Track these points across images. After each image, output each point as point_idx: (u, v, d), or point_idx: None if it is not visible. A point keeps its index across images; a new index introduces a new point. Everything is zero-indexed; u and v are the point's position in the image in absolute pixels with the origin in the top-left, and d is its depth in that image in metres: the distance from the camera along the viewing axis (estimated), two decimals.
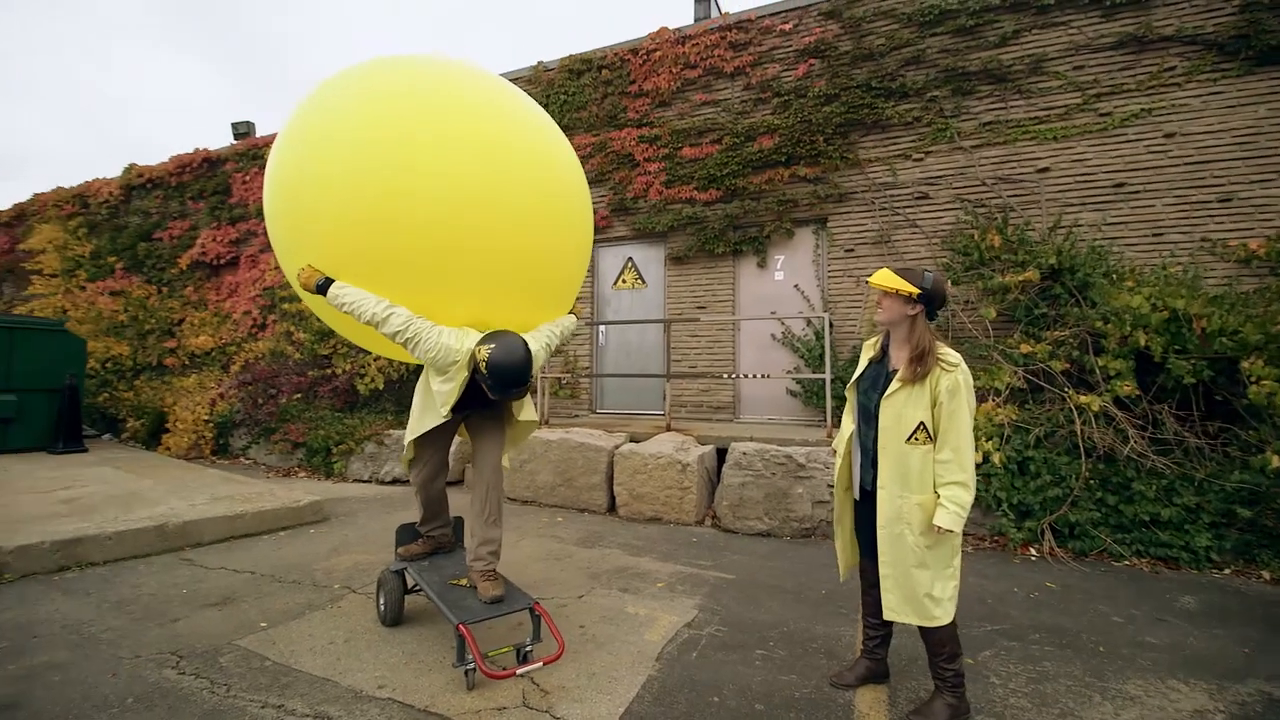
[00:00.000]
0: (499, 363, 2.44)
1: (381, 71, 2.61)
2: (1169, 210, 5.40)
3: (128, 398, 9.53)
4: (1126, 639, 3.05)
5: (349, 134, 2.44)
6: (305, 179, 2.52)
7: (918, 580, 2.19)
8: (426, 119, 2.45)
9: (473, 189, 2.44)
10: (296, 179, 2.56)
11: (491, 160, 2.49)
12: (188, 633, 2.99)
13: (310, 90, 2.74)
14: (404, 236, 2.42)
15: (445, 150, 2.42)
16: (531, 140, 2.70)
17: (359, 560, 4.13)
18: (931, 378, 2.19)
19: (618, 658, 2.72)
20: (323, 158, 2.47)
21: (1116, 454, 4.44)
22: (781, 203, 6.62)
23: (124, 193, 11.47)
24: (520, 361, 2.47)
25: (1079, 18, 5.68)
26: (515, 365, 2.45)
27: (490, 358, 2.45)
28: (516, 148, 2.61)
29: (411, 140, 2.40)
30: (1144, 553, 4.27)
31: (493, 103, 2.64)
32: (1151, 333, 4.44)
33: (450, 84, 2.60)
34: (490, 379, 2.46)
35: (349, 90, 2.56)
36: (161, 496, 5.13)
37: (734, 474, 4.98)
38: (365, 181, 2.38)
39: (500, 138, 2.57)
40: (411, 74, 2.59)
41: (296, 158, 2.57)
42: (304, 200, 2.54)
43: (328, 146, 2.47)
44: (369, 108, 2.47)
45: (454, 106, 2.53)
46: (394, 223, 2.40)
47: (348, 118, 2.48)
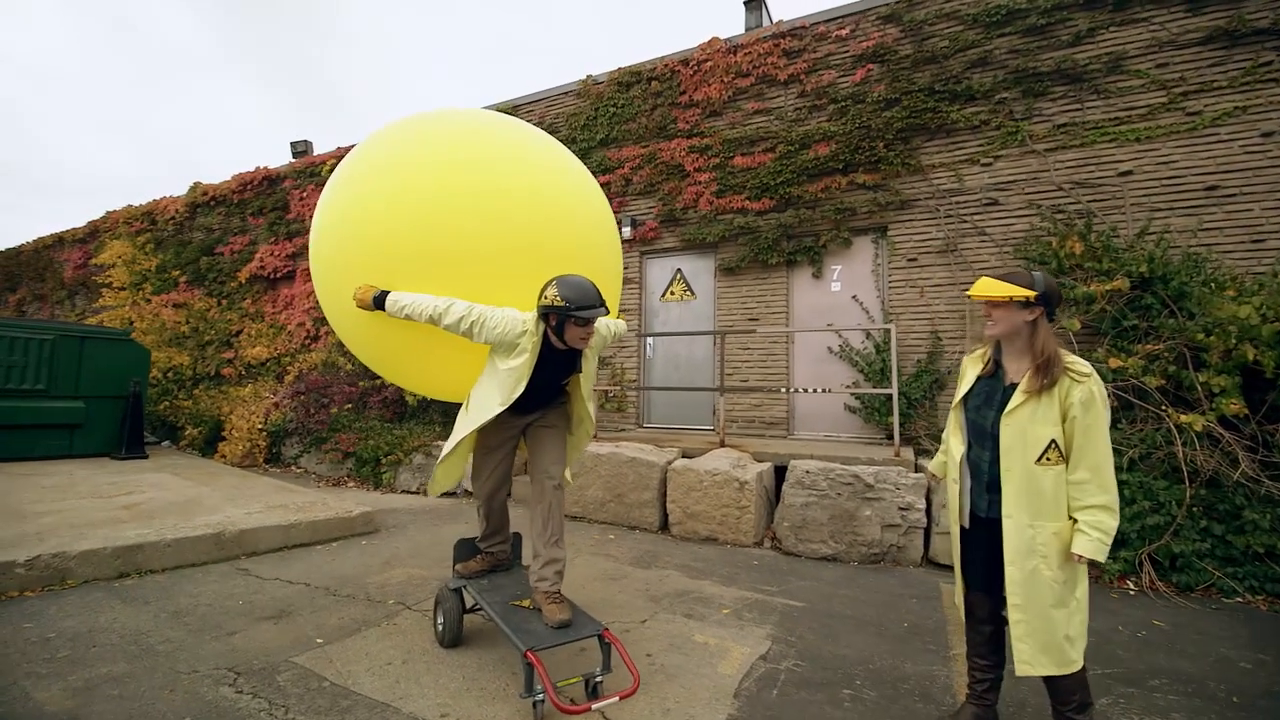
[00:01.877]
0: (570, 281, 2.46)
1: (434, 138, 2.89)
2: (1269, 214, 4.97)
3: (187, 406, 9.83)
4: (1261, 688, 2.69)
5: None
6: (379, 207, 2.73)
7: (1055, 622, 1.93)
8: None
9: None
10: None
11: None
12: (244, 647, 2.92)
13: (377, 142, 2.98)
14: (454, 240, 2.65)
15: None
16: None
17: (412, 574, 4.04)
18: (1060, 389, 1.95)
19: (692, 692, 2.52)
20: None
21: (1223, 479, 4.04)
22: (839, 211, 6.39)
23: (189, 210, 11.98)
24: (586, 281, 2.49)
25: (1161, 13, 5.34)
26: (584, 282, 2.47)
27: (560, 281, 2.47)
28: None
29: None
30: (1259, 589, 3.86)
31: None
32: (1262, 346, 4.05)
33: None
34: (567, 293, 2.42)
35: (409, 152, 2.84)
36: (218, 504, 5.18)
37: (796, 493, 4.73)
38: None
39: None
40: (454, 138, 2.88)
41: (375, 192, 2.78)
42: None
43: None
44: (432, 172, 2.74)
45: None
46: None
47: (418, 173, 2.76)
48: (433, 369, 2.98)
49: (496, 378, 2.58)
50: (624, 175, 7.54)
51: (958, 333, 5.93)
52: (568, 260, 2.70)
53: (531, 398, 2.67)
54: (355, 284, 2.71)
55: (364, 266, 2.71)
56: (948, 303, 6.00)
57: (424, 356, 2.87)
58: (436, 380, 3.12)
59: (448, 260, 2.62)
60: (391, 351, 2.97)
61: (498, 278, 2.64)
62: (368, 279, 2.69)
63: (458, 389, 2.94)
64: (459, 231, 2.61)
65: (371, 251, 2.70)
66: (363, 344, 3.03)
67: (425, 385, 3.28)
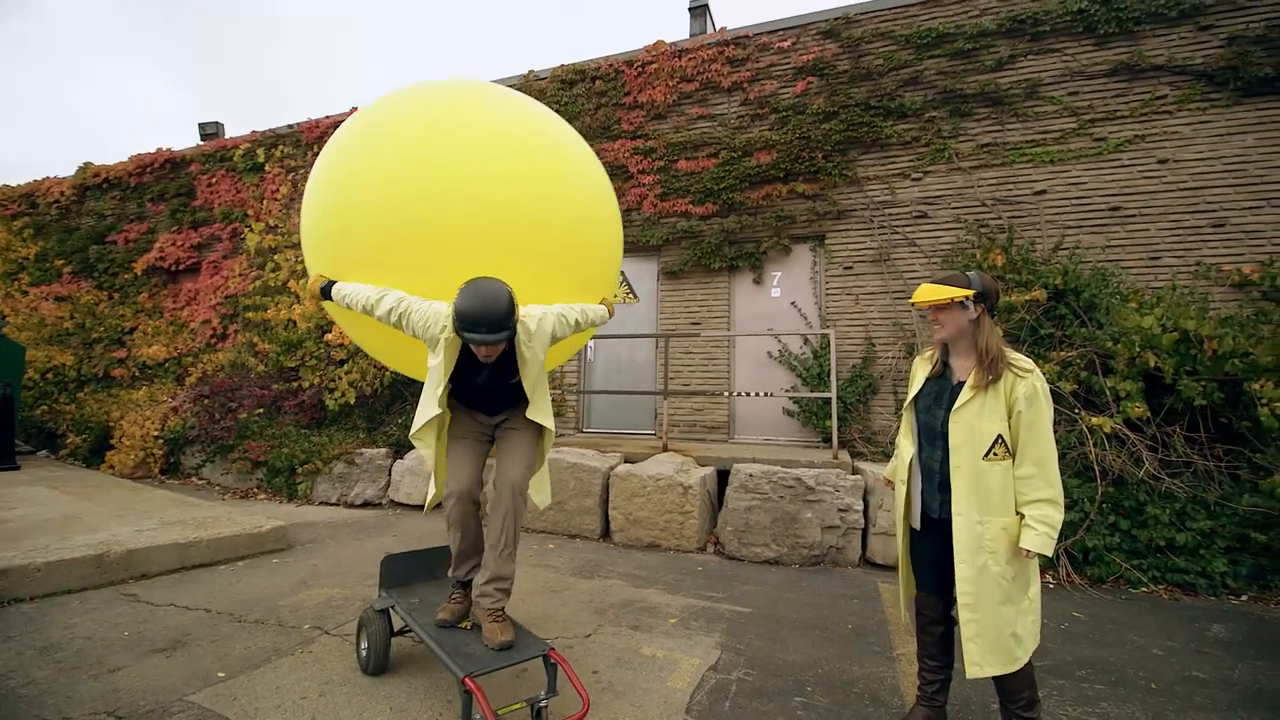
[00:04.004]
0: (473, 289, 2.20)
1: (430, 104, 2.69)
2: (1163, 235, 5.44)
3: (69, 411, 8.77)
4: (1174, 674, 2.86)
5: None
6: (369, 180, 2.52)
7: (1003, 619, 1.94)
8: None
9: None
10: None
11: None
12: (129, 685, 2.54)
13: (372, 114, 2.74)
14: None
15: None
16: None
17: (331, 595, 3.69)
18: (1005, 385, 1.98)
19: (643, 709, 2.39)
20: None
21: (1128, 477, 4.34)
22: (779, 219, 6.50)
23: (77, 193, 10.76)
24: (495, 294, 2.19)
25: (1072, 45, 5.76)
26: (488, 296, 2.18)
27: (465, 287, 2.22)
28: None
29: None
30: (1161, 579, 4.15)
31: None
32: (1162, 354, 4.39)
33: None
34: (460, 303, 2.18)
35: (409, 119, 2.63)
36: (103, 521, 4.58)
37: (739, 497, 4.71)
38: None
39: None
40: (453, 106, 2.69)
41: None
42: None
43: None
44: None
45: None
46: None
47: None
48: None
49: (432, 363, 2.39)
50: None
51: (890, 339, 6.14)
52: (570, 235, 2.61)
53: (480, 398, 2.53)
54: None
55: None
56: (881, 310, 6.20)
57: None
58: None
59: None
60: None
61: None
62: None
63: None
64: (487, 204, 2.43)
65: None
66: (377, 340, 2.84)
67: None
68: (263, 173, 9.28)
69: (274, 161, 9.18)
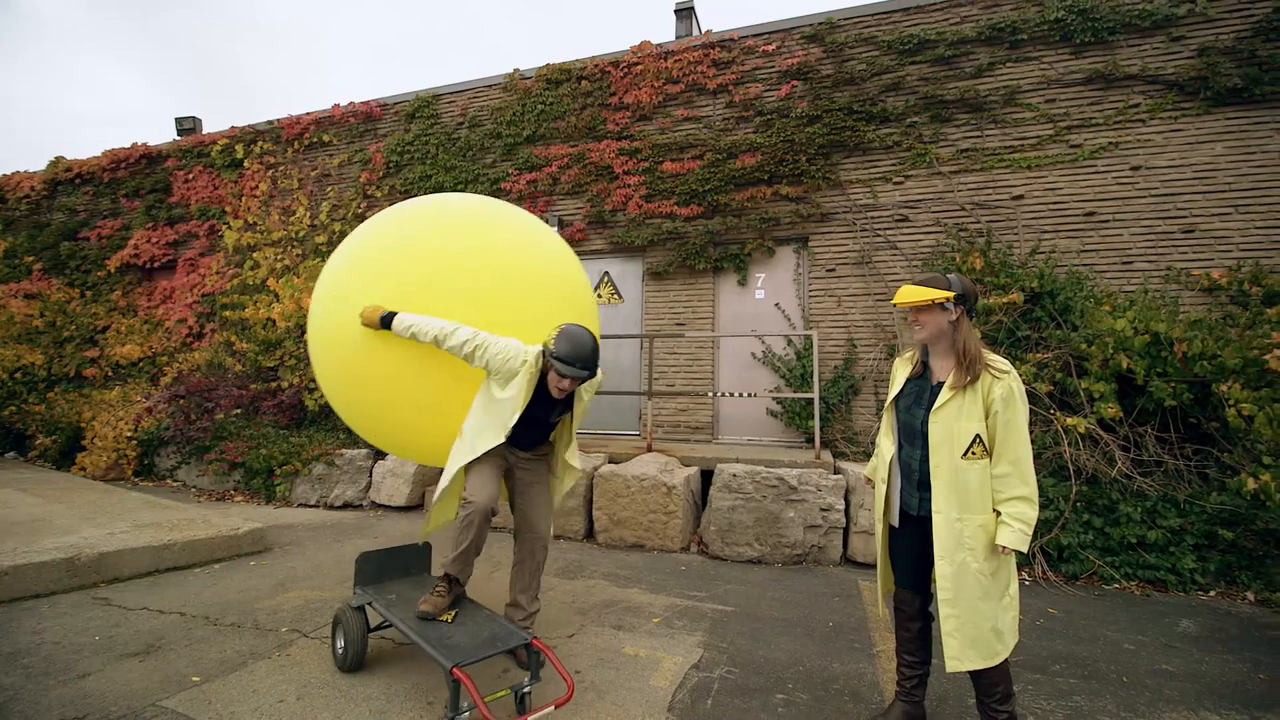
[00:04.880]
0: (571, 334, 2.55)
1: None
2: (1136, 240, 5.57)
3: (38, 411, 8.53)
4: (1145, 667, 2.93)
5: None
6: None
7: (982, 614, 1.97)
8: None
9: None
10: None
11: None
12: (100, 690, 2.48)
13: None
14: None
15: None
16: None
17: (309, 597, 3.64)
18: (982, 385, 2.01)
19: (625, 708, 2.39)
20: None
21: (1101, 476, 4.44)
22: (763, 220, 6.54)
23: (48, 187, 10.49)
24: (589, 342, 2.56)
25: (1050, 53, 5.88)
26: (584, 342, 2.54)
27: (565, 330, 2.57)
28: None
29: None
30: (1132, 575, 4.25)
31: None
32: (1134, 356, 4.49)
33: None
34: (562, 344, 2.53)
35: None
36: (73, 524, 4.47)
37: (723, 497, 4.73)
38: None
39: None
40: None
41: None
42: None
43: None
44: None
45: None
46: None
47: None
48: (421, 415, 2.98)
49: (492, 406, 2.62)
50: (551, 174, 7.36)
51: (872, 340, 6.21)
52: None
53: (525, 431, 2.71)
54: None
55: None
56: (862, 312, 6.28)
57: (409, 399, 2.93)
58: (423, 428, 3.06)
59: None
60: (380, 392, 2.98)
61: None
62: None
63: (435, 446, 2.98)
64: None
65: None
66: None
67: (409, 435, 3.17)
68: (241, 169, 9.12)
69: (253, 158, 9.03)
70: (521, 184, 7.46)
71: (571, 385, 2.58)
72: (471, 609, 2.68)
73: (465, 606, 2.69)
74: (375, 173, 8.24)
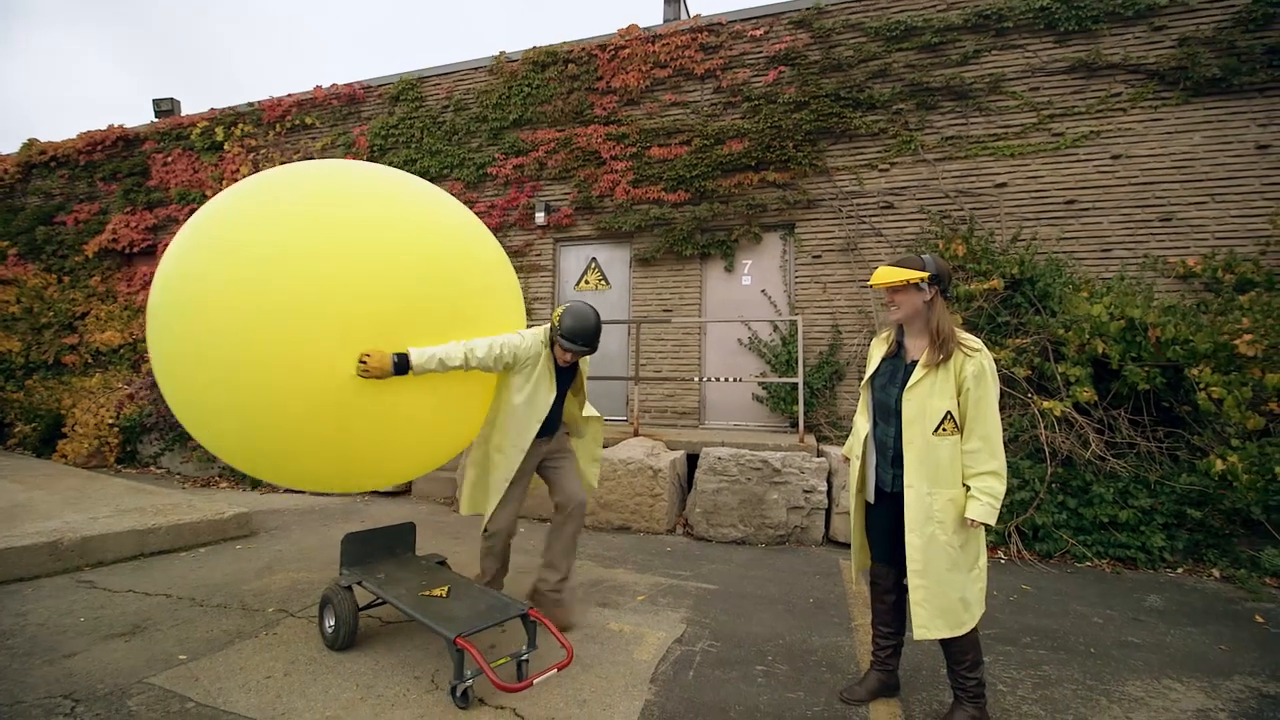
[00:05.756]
0: (578, 312, 2.75)
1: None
2: (1115, 227, 5.67)
3: (17, 399, 8.41)
4: (1112, 639, 3.04)
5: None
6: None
7: (950, 584, 2.04)
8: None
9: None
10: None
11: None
12: (86, 669, 2.49)
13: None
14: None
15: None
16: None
17: (296, 579, 3.66)
18: (955, 364, 2.07)
19: (609, 681, 2.45)
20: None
21: (1076, 458, 4.55)
22: (750, 207, 6.56)
23: (21, 170, 10.24)
24: (593, 320, 2.77)
25: (1034, 41, 5.93)
26: (589, 320, 2.75)
27: (571, 309, 2.77)
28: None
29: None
30: (1104, 553, 4.37)
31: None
32: (1109, 340, 4.59)
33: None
34: (568, 322, 2.73)
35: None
36: (55, 509, 4.44)
37: (708, 479, 4.79)
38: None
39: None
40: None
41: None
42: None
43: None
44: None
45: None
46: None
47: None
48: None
49: (521, 399, 2.77)
50: (538, 159, 7.32)
51: (856, 326, 6.28)
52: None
53: (552, 412, 2.88)
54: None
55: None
56: (847, 298, 6.34)
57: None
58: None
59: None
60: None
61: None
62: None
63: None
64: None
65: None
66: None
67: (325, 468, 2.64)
68: (222, 152, 8.97)
69: (234, 140, 8.88)
70: (508, 169, 7.42)
71: (574, 358, 2.83)
72: (464, 584, 2.74)
73: (458, 582, 2.74)
74: (359, 156, 8.13)
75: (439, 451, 2.87)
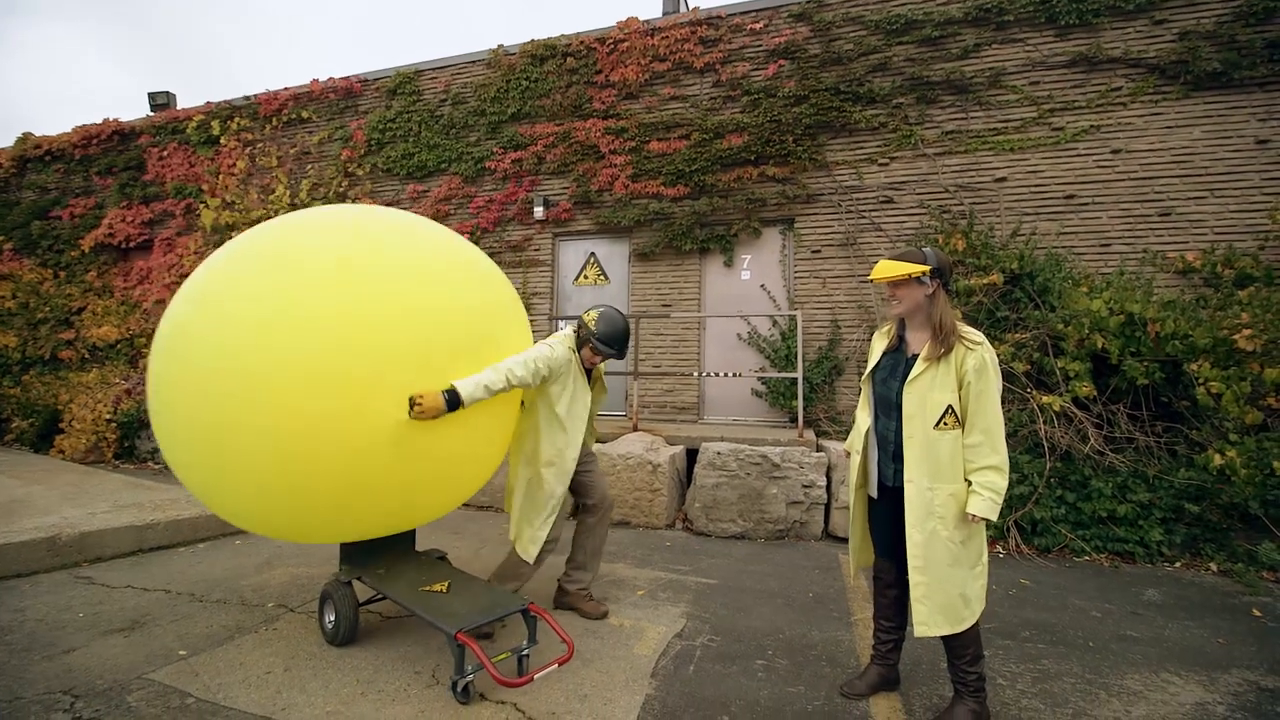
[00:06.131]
0: (610, 317, 2.91)
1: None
2: (1114, 222, 5.66)
3: (14, 394, 8.38)
4: (1110, 633, 3.05)
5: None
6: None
7: (951, 580, 2.04)
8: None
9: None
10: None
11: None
12: (86, 665, 2.49)
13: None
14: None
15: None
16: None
17: (295, 574, 3.66)
18: (956, 357, 2.06)
19: (609, 675, 2.45)
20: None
21: (1075, 453, 4.55)
22: (750, 201, 6.54)
23: (16, 165, 10.17)
24: (624, 327, 2.93)
25: (1035, 35, 5.90)
26: (621, 327, 2.91)
27: (604, 314, 2.92)
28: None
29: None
30: (1102, 548, 4.38)
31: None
32: (1109, 335, 4.59)
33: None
34: (602, 327, 2.87)
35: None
36: (53, 504, 4.43)
37: (707, 474, 4.79)
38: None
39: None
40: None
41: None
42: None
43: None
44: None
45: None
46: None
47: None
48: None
49: (563, 409, 2.84)
50: (536, 153, 7.28)
51: (856, 321, 6.28)
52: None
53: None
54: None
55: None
56: (847, 293, 6.33)
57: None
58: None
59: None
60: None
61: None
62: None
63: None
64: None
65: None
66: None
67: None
68: (218, 146, 8.91)
69: (230, 134, 8.82)
70: (506, 163, 7.38)
71: (601, 361, 2.98)
72: (465, 579, 2.74)
73: (459, 577, 2.74)
74: (356, 150, 8.09)
75: (480, 472, 2.83)
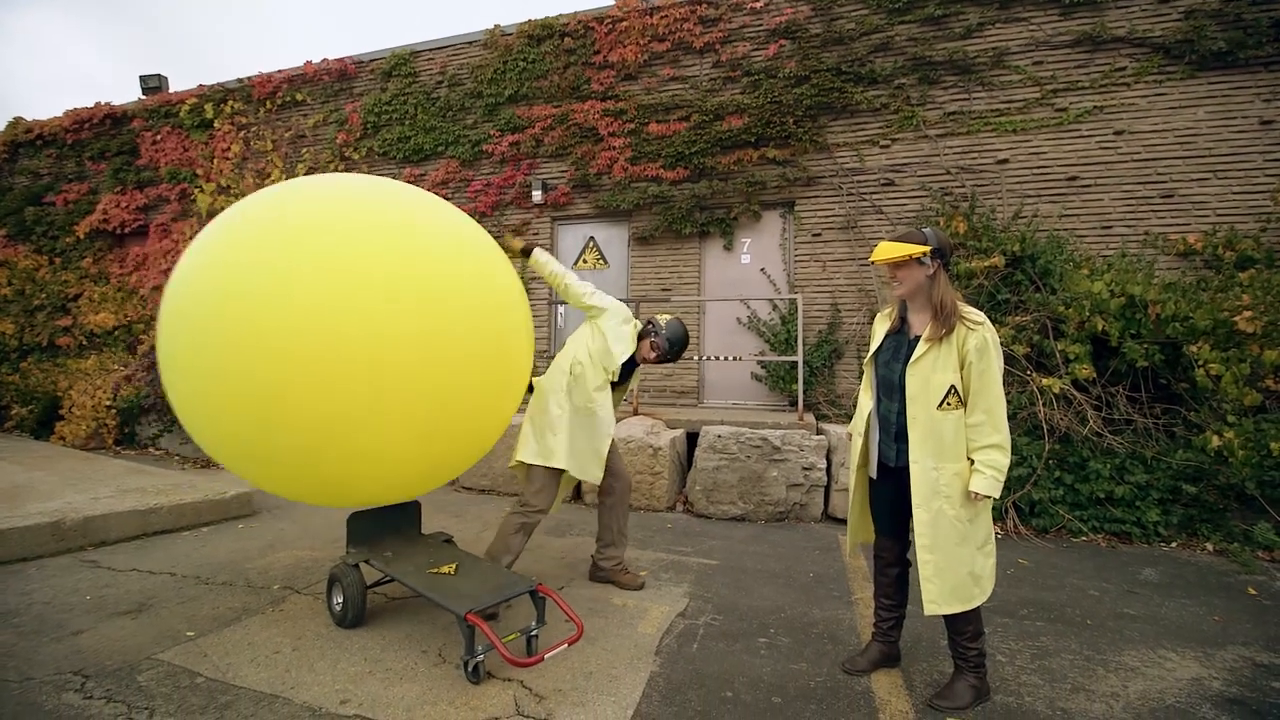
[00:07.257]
0: (678, 326, 3.15)
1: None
2: (1116, 204, 5.63)
3: (13, 381, 8.37)
4: (1108, 611, 3.09)
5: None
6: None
7: (960, 559, 2.06)
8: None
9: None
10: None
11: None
12: (94, 647, 2.51)
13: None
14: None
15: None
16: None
17: (300, 557, 3.68)
18: (957, 337, 2.06)
19: (614, 654, 2.48)
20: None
21: (1074, 434, 4.58)
22: (750, 184, 6.50)
23: (8, 150, 10.06)
24: (686, 337, 3.19)
25: (1039, 14, 5.82)
26: (684, 335, 3.17)
27: (673, 318, 3.17)
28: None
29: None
30: (1100, 528, 4.42)
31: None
32: (1109, 318, 4.59)
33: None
34: (669, 330, 3.10)
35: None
36: (56, 489, 4.44)
37: (708, 457, 4.81)
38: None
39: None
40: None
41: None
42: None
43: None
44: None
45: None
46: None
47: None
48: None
49: (605, 370, 3.00)
50: (534, 135, 7.21)
51: (856, 305, 6.27)
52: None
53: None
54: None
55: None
56: (847, 276, 6.31)
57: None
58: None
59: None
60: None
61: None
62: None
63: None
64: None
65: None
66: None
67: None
68: (212, 130, 8.81)
69: (224, 118, 8.72)
70: (504, 146, 7.31)
71: (654, 358, 3.12)
72: (472, 561, 2.76)
73: (466, 559, 2.76)
74: (352, 134, 8.01)
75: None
